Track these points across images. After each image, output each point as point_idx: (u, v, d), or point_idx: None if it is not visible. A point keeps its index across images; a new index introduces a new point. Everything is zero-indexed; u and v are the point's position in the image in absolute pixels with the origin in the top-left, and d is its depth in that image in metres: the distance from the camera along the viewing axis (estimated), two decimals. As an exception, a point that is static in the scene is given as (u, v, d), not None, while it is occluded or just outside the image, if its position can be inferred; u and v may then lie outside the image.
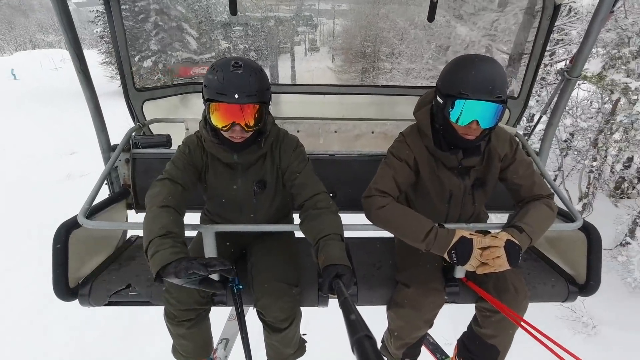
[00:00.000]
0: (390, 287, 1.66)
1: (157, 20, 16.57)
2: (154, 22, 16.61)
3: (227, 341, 2.31)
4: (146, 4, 16.34)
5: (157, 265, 1.12)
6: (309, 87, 2.74)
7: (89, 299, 1.59)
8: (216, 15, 17.74)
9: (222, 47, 18.38)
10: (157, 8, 16.34)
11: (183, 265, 1.11)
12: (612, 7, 1.60)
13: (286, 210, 1.78)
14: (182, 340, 1.60)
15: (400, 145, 1.51)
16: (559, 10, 2.00)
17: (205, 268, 1.12)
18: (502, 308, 1.41)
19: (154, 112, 2.37)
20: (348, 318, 0.87)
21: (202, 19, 17.27)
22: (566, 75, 1.85)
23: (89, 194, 1.62)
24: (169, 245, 1.16)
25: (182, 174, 1.40)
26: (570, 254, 1.78)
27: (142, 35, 17.00)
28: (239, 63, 1.26)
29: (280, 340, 1.59)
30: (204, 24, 17.20)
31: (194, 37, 16.58)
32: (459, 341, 1.78)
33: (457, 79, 1.26)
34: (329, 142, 2.43)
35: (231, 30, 18.75)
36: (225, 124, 1.29)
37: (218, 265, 1.14)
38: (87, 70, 1.76)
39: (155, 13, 16.41)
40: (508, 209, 2.22)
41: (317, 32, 24.01)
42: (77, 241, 1.56)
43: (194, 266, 1.11)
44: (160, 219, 1.24)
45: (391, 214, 1.39)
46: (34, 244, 7.24)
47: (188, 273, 1.10)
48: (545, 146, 2.11)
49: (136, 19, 16.71)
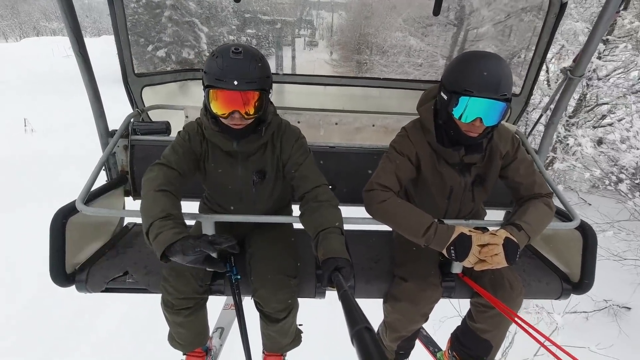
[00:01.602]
0: (388, 280, 1.67)
1: (172, 14, 17.56)
2: (169, 17, 17.61)
3: (222, 330, 2.32)
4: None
5: (162, 245, 1.11)
6: (310, 77, 2.72)
7: (86, 285, 1.59)
8: (222, 11, 18.52)
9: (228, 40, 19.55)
10: (171, 4, 17.32)
11: (189, 243, 1.11)
12: (618, 7, 1.59)
13: (285, 201, 1.78)
14: (179, 329, 1.61)
15: (403, 140, 1.50)
16: (565, 8, 1.98)
17: (212, 245, 1.12)
18: (497, 304, 1.43)
19: (153, 99, 2.34)
20: (347, 310, 0.88)
21: (210, 14, 18.26)
22: (569, 74, 1.85)
23: (87, 180, 1.60)
24: (170, 226, 1.15)
25: (180, 161, 1.38)
26: (565, 252, 1.80)
27: (156, 27, 17.90)
28: (239, 49, 1.23)
29: (277, 331, 1.60)
30: (211, 19, 18.21)
31: (204, 32, 17.88)
32: (453, 335, 1.81)
33: (463, 76, 1.25)
34: (330, 134, 2.42)
35: (244, 32, 20.58)
36: (224, 112, 1.27)
37: (224, 242, 1.14)
38: (86, 55, 1.73)
39: (169, 8, 17.43)
40: (505, 206, 2.23)
41: (316, 26, 24.14)
42: (75, 227, 1.55)
43: (201, 243, 1.11)
44: (159, 202, 1.23)
45: (392, 208, 1.40)
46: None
47: (195, 251, 1.10)
48: (544, 145, 2.11)
49: (152, 12, 17.82)
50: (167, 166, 1.35)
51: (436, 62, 11.03)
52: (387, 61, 14.19)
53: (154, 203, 1.22)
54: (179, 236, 1.13)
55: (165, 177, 1.31)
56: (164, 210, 1.20)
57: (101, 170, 1.77)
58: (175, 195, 1.29)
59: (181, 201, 1.36)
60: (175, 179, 1.34)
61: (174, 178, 1.33)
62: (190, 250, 1.10)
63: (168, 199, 1.25)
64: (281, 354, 1.77)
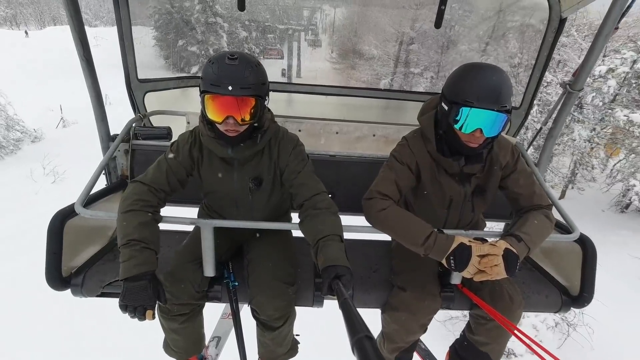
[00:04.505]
0: (386, 290, 1.65)
1: (199, 17, 19.66)
2: (196, 19, 19.74)
3: (219, 339, 2.29)
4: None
5: (122, 275, 1.24)
6: (312, 87, 2.74)
7: (81, 289, 1.57)
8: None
9: (241, 36, 21.29)
10: (200, 7, 19.40)
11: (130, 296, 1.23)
12: (617, 23, 1.62)
13: (284, 209, 1.77)
14: (174, 335, 1.58)
15: (403, 149, 1.51)
16: (564, 23, 2.01)
17: (131, 308, 1.22)
18: (496, 316, 1.42)
19: (156, 104, 2.35)
20: (348, 319, 0.87)
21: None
22: (568, 88, 1.87)
23: (87, 183, 1.60)
24: (126, 257, 1.24)
25: (160, 178, 1.42)
26: (565, 265, 1.79)
27: (188, 25, 19.96)
28: (234, 55, 1.25)
29: (273, 339, 1.58)
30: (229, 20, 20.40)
31: (226, 32, 20.17)
32: (451, 348, 1.79)
33: (463, 87, 1.27)
34: (330, 142, 2.43)
35: (265, 37, 22.64)
36: (219, 118, 1.28)
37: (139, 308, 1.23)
38: (90, 58, 1.74)
39: (198, 11, 19.55)
40: (505, 218, 2.23)
41: (318, 27, 24.71)
42: (72, 230, 1.54)
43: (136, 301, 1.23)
44: (123, 226, 1.30)
45: (391, 217, 1.39)
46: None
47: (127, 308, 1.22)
48: (544, 157, 2.12)
49: (183, 15, 20.00)
50: (142, 183, 1.39)
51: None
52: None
53: (120, 227, 1.30)
54: (127, 274, 1.22)
55: (137, 195, 1.35)
56: (126, 235, 1.27)
57: (101, 174, 1.77)
58: (145, 212, 1.34)
59: (164, 208, 1.45)
60: (150, 196, 1.37)
61: (148, 195, 1.37)
62: (128, 299, 1.21)
63: (132, 220, 1.30)
64: None
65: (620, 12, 1.58)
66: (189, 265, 1.50)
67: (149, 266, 1.26)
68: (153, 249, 1.30)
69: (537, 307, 1.74)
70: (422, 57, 13.23)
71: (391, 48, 14.84)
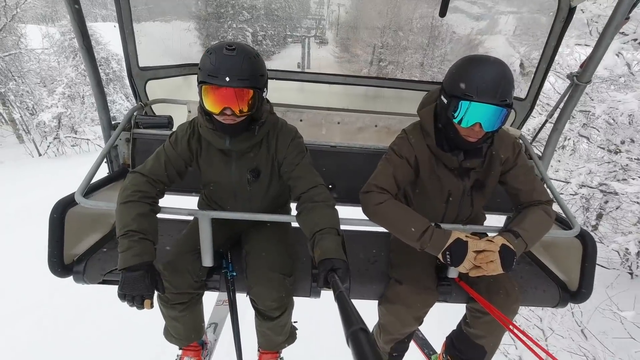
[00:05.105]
0: (383, 282, 1.67)
1: (232, 23, 19.82)
2: (229, 25, 19.81)
3: (216, 325, 2.34)
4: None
5: (120, 265, 1.26)
6: (316, 75, 2.70)
7: (83, 276, 1.61)
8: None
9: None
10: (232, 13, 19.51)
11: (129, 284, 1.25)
12: (628, 13, 1.56)
13: (283, 200, 1.77)
14: (175, 323, 1.62)
15: (402, 143, 1.49)
16: (574, 12, 1.95)
17: (130, 298, 1.25)
18: (492, 310, 1.42)
19: (157, 92, 2.35)
20: (343, 311, 0.88)
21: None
22: (575, 80, 1.82)
23: (88, 171, 1.62)
24: (124, 247, 1.26)
25: (159, 169, 1.43)
26: (564, 260, 1.78)
27: (220, 19, 19.99)
28: (232, 46, 1.24)
29: (271, 328, 1.61)
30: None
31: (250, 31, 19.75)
32: (448, 339, 1.81)
33: (463, 80, 1.24)
34: (332, 133, 2.41)
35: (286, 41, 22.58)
36: (216, 109, 1.27)
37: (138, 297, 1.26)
38: (90, 47, 1.74)
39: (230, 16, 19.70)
40: (507, 211, 2.21)
41: (325, 23, 24.50)
42: (74, 218, 1.57)
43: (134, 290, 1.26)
44: (121, 216, 1.31)
45: (388, 211, 1.39)
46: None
47: (126, 297, 1.25)
48: (548, 151, 2.08)
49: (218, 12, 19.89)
50: (140, 174, 1.40)
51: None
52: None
53: (119, 218, 1.32)
54: (125, 264, 1.25)
55: (136, 186, 1.36)
56: (124, 226, 1.29)
57: (102, 162, 1.78)
58: (143, 203, 1.35)
59: (165, 196, 1.48)
60: (149, 187, 1.38)
61: (146, 186, 1.38)
62: (126, 288, 1.24)
63: (130, 211, 1.31)
64: (276, 351, 1.78)
65: (632, 1, 1.52)
66: (187, 256, 1.52)
67: (147, 257, 1.27)
68: (151, 240, 1.31)
69: (534, 301, 1.75)
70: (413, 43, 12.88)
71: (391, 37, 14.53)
